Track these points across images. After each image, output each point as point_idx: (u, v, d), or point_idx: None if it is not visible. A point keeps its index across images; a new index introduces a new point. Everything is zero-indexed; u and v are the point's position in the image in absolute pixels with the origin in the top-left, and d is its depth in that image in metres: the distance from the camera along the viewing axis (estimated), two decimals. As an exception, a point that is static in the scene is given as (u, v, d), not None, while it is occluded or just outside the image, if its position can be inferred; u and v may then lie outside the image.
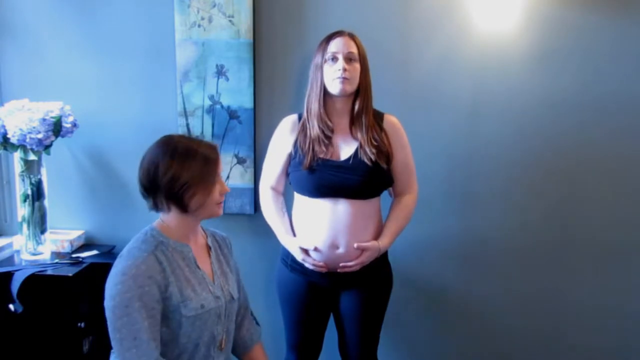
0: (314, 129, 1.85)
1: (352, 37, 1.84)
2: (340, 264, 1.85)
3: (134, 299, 1.31)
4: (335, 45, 1.80)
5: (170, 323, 1.39)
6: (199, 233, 1.58)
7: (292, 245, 1.91)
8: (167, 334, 1.39)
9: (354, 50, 1.80)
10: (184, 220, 1.48)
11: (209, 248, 1.60)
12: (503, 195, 2.24)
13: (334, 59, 1.80)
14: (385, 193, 1.98)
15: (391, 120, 1.92)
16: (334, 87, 1.81)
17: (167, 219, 1.48)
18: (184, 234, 1.49)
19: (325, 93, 1.85)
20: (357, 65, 1.81)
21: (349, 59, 1.80)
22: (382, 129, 1.89)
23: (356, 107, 1.85)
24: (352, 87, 1.81)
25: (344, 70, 1.78)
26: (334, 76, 1.80)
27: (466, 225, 2.28)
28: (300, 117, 1.94)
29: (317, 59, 1.85)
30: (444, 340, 2.40)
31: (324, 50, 1.82)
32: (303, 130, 1.89)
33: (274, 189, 1.99)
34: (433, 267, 2.32)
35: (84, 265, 2.15)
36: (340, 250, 1.86)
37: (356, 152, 1.83)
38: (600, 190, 2.21)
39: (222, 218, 2.29)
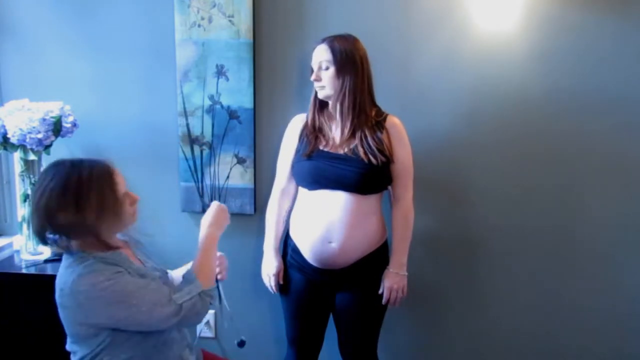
0: (308, 126, 1.96)
1: (330, 42, 1.86)
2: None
3: (118, 286, 1.41)
4: (313, 56, 1.90)
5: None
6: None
7: (267, 264, 2.04)
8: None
9: (325, 57, 1.85)
10: (105, 240, 1.47)
11: (125, 242, 1.64)
12: (502, 195, 2.24)
13: (312, 70, 1.90)
14: (385, 195, 1.99)
15: (394, 121, 1.93)
16: (318, 94, 1.91)
17: (87, 245, 1.46)
18: (111, 246, 1.49)
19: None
20: (330, 72, 1.85)
21: (320, 67, 1.87)
22: (383, 128, 1.90)
23: (337, 109, 1.89)
24: (327, 92, 1.88)
25: (314, 80, 1.89)
26: (315, 85, 1.91)
27: (464, 224, 2.29)
28: (307, 116, 1.99)
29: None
30: (443, 340, 2.40)
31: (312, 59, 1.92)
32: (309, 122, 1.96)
33: (284, 191, 2.04)
34: (431, 267, 2.32)
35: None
36: (333, 245, 1.87)
37: (354, 147, 1.86)
38: (599, 190, 2.21)
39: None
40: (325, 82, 1.86)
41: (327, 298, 2.01)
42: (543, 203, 2.23)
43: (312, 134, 1.92)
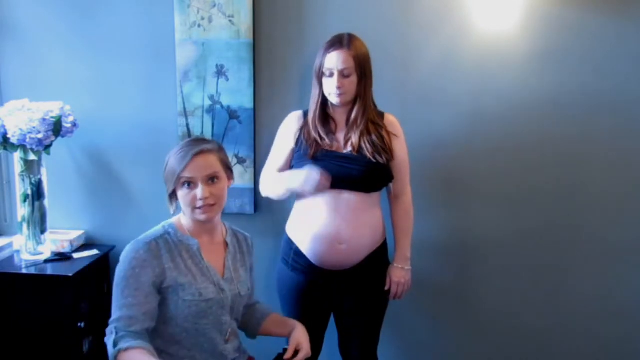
0: (311, 131, 1.91)
1: (350, 47, 1.82)
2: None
3: (126, 278, 1.49)
4: (331, 61, 1.83)
5: (168, 303, 1.52)
6: (216, 231, 1.65)
7: (303, 173, 1.82)
8: (167, 313, 1.53)
9: (349, 64, 1.81)
10: (190, 219, 1.59)
11: (226, 245, 1.67)
12: (503, 194, 2.24)
13: (331, 74, 1.83)
14: (384, 191, 2.00)
15: (391, 119, 1.95)
16: (332, 99, 1.87)
17: (181, 215, 1.61)
18: (194, 230, 1.60)
19: (326, 99, 1.90)
20: (353, 78, 1.83)
21: (343, 74, 1.82)
22: (383, 126, 1.91)
23: (352, 115, 1.88)
24: (348, 98, 1.86)
25: (338, 87, 1.82)
26: (330, 90, 1.85)
27: (466, 224, 2.29)
28: (304, 113, 1.97)
29: (316, 65, 1.88)
30: (444, 339, 2.40)
31: (322, 61, 1.85)
32: (307, 124, 1.93)
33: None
34: (432, 266, 2.32)
35: (83, 264, 2.15)
36: (344, 246, 1.87)
37: (359, 146, 1.86)
38: (600, 189, 2.21)
39: (222, 218, 2.31)
40: (346, 88, 1.83)
41: (330, 300, 2.00)
42: (544, 202, 2.23)
43: (315, 134, 1.90)
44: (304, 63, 2.18)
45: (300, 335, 1.67)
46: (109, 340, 1.46)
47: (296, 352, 1.62)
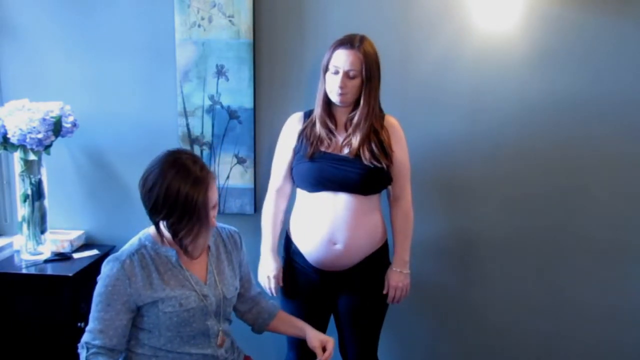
0: (318, 127, 1.89)
1: (360, 48, 1.79)
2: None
3: (100, 294, 1.52)
4: (338, 58, 1.80)
5: (149, 315, 1.53)
6: None
7: (265, 266, 2.00)
8: (149, 323, 1.54)
9: (356, 67, 1.78)
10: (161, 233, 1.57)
11: (208, 248, 1.64)
12: (502, 195, 2.25)
13: (336, 72, 1.81)
14: (384, 193, 1.99)
15: (391, 121, 1.93)
16: (333, 97, 1.85)
17: (162, 228, 1.55)
18: (173, 239, 1.55)
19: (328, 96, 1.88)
20: (357, 81, 1.81)
21: (348, 75, 1.80)
22: (383, 128, 1.89)
23: (355, 119, 1.85)
24: (349, 99, 1.84)
25: (341, 87, 1.80)
26: (332, 88, 1.83)
27: (465, 224, 2.29)
28: (305, 115, 1.96)
29: (324, 61, 1.85)
30: (444, 339, 2.40)
31: (330, 58, 1.83)
32: (311, 122, 1.91)
33: (280, 191, 1.99)
34: (432, 267, 2.32)
35: (83, 264, 2.16)
36: (338, 246, 1.86)
37: (357, 149, 1.84)
38: (600, 190, 2.21)
39: (222, 218, 2.31)
40: (348, 89, 1.81)
41: (329, 300, 2.01)
42: (545, 204, 2.23)
43: (316, 135, 1.88)
44: (304, 63, 2.18)
45: (316, 337, 1.70)
46: (81, 355, 1.51)
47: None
